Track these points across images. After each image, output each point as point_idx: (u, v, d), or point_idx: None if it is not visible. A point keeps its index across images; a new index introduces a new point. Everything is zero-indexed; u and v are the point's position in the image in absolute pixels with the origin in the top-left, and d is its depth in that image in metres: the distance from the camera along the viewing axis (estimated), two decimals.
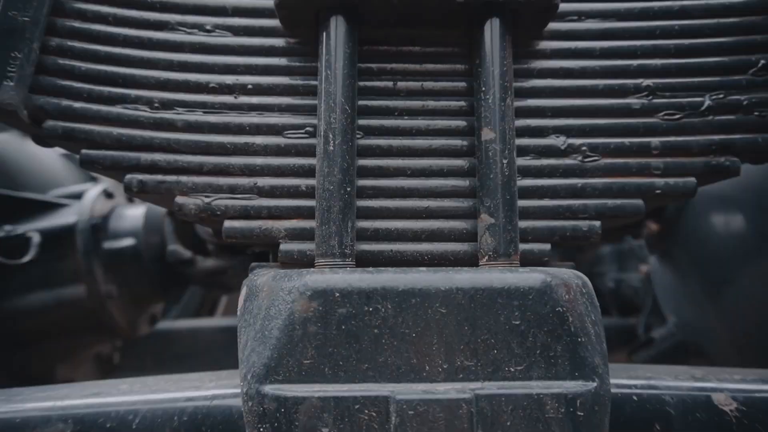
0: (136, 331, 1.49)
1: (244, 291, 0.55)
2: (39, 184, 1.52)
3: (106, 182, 1.60)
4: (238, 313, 0.55)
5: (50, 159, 1.66)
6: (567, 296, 0.50)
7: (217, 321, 2.43)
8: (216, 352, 2.02)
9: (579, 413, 0.46)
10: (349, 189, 0.58)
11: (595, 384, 0.48)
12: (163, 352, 2.01)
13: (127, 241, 1.41)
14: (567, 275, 0.52)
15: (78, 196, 1.43)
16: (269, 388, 0.46)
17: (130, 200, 1.60)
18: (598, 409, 0.47)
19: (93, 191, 1.45)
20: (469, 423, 0.45)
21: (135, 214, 1.47)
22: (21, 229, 1.29)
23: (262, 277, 0.54)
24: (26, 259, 1.24)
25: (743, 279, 1.19)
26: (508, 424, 0.45)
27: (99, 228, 1.38)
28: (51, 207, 1.42)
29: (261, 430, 0.46)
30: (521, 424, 0.46)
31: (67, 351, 1.48)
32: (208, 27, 0.66)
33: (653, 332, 1.72)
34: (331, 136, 0.59)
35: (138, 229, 1.44)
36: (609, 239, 2.12)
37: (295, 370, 0.47)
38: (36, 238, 1.26)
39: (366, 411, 0.46)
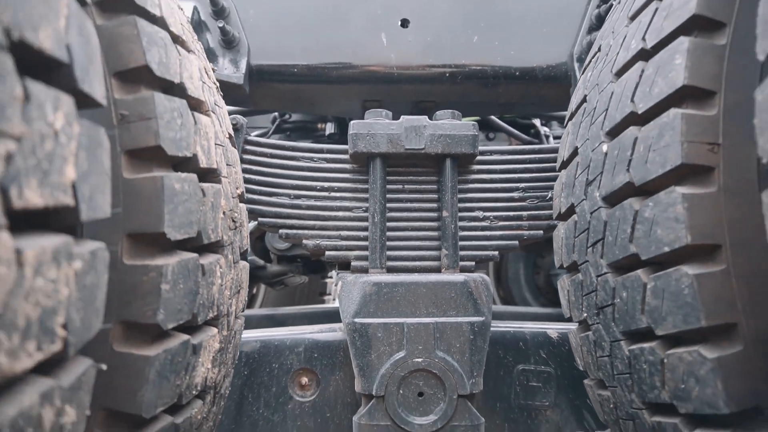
0: None
1: (340, 283, 1.29)
2: None
3: None
4: (338, 293, 1.28)
5: None
6: (473, 285, 1.24)
7: (257, 311, 3.17)
8: None
9: (476, 328, 1.20)
10: (383, 238, 1.32)
11: (483, 318, 1.21)
12: None
13: None
14: (476, 277, 1.26)
15: None
16: (357, 320, 1.20)
17: None
18: (484, 329, 1.21)
19: None
20: (433, 333, 1.19)
21: None
22: None
23: (348, 277, 1.27)
24: None
25: None
26: (448, 332, 1.19)
27: None
28: None
29: (355, 336, 1.19)
30: (453, 334, 1.19)
31: None
32: (315, 159, 1.40)
33: None
34: (375, 213, 1.33)
35: None
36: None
37: (366, 313, 1.21)
38: None
39: (395, 329, 1.19)
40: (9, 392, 0.35)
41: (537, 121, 2.76)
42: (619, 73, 0.88)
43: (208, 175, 0.82)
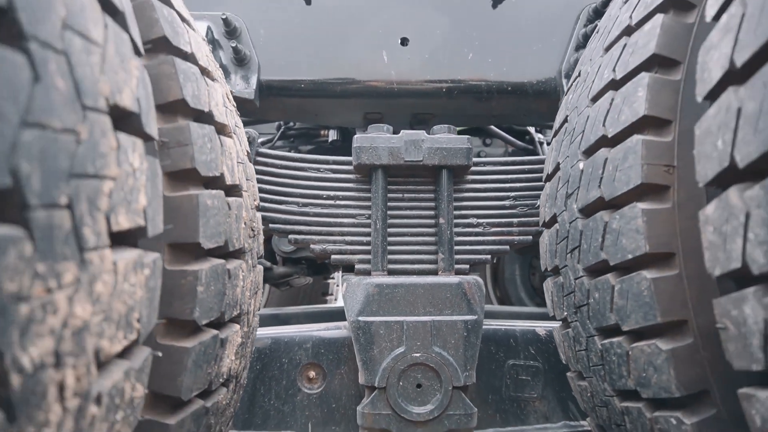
0: None
1: (345, 284, 1.40)
2: None
3: None
4: (343, 294, 1.40)
5: None
6: (467, 286, 1.35)
7: (263, 310, 3.28)
8: None
9: (469, 326, 1.31)
10: (385, 243, 1.43)
11: (476, 317, 1.33)
12: None
13: None
14: (469, 279, 1.37)
15: None
16: (360, 318, 1.32)
17: None
18: (477, 326, 1.32)
19: None
20: (430, 330, 1.30)
21: None
22: None
23: (353, 279, 1.39)
24: None
25: None
26: (444, 330, 1.31)
27: None
28: None
29: (359, 333, 1.31)
30: (449, 331, 1.31)
31: None
32: (321, 169, 1.51)
33: None
34: (377, 220, 1.44)
35: None
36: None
37: (369, 312, 1.32)
38: None
39: (395, 326, 1.31)
40: (107, 369, 0.46)
41: (532, 129, 2.88)
42: (594, 99, 1.00)
43: (232, 190, 0.94)
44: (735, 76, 0.59)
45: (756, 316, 0.55)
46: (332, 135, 2.55)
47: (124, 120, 0.51)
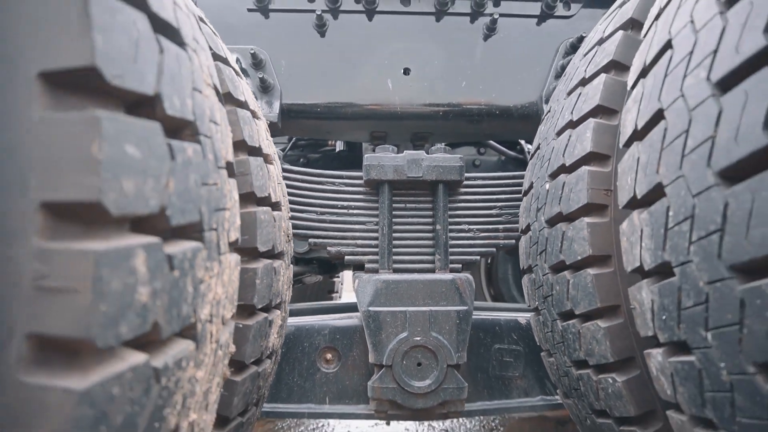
0: None
1: (357, 281, 1.67)
2: None
3: None
4: (355, 288, 1.66)
5: None
6: (460, 282, 1.62)
7: None
8: None
9: (461, 315, 1.58)
10: (390, 246, 1.70)
11: (466, 307, 1.60)
12: None
13: None
14: (462, 276, 1.65)
15: None
16: (370, 308, 1.58)
17: None
18: (467, 315, 1.59)
19: None
20: (427, 319, 1.57)
21: None
22: None
23: (363, 276, 1.66)
24: None
25: None
26: (440, 318, 1.58)
27: None
28: None
29: (369, 320, 1.58)
30: (444, 320, 1.58)
31: None
32: (336, 182, 1.78)
33: None
34: (384, 226, 1.71)
35: None
36: None
37: (378, 303, 1.59)
38: None
39: (399, 315, 1.58)
40: (224, 329, 0.73)
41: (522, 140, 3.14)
42: (558, 134, 1.27)
43: (275, 206, 1.20)
44: (638, 134, 0.85)
45: (647, 299, 0.82)
46: (339, 145, 2.82)
47: (229, 169, 0.78)
